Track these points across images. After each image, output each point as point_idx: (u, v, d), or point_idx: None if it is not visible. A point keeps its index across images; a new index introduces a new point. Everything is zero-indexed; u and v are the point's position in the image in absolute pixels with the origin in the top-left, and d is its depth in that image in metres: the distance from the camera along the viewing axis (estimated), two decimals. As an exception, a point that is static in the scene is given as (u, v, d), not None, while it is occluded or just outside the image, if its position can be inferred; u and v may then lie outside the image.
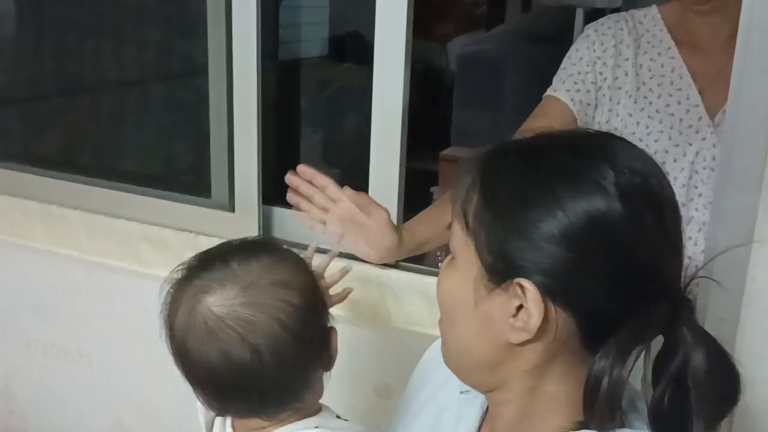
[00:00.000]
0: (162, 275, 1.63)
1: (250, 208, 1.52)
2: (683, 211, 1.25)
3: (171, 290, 0.86)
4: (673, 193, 0.74)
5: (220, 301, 0.81)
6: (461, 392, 0.87)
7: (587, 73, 1.36)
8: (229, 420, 0.91)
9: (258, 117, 1.48)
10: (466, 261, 0.75)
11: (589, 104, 1.34)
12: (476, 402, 0.86)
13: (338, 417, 0.93)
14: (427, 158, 2.51)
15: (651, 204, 0.70)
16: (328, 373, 0.91)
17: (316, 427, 0.87)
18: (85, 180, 1.72)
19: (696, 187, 1.29)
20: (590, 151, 0.73)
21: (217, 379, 0.82)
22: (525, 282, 0.70)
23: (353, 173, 1.66)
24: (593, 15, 2.04)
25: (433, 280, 0.99)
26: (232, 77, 1.49)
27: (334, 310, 0.94)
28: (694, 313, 0.73)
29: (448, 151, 2.54)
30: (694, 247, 1.27)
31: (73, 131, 2.05)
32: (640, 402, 0.77)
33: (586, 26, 1.43)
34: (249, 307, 0.81)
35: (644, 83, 1.34)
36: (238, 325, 0.80)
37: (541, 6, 3.29)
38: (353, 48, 2.49)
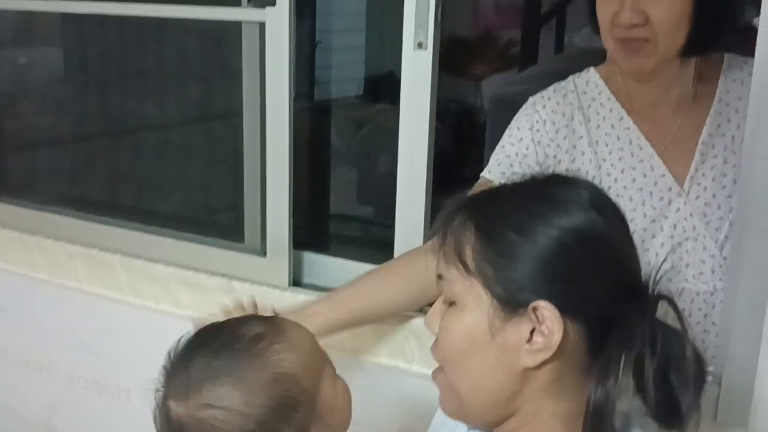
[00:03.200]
0: (198, 316, 1.65)
1: (281, 253, 1.55)
2: (671, 285, 1.18)
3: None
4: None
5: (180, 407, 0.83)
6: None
7: (525, 156, 1.27)
8: None
9: (290, 166, 1.51)
10: (472, 300, 0.79)
11: None
12: None
13: None
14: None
15: (615, 212, 0.81)
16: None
17: None
18: (125, 224, 1.78)
19: (682, 259, 1.22)
20: (560, 180, 0.84)
21: None
22: (542, 303, 0.75)
23: (385, 213, 1.69)
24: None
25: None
26: (265, 127, 1.52)
27: (359, 355, 0.94)
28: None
29: (481, 190, 2.54)
30: (689, 318, 1.21)
31: (112, 176, 2.12)
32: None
33: (531, 99, 1.30)
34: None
35: (604, 160, 1.25)
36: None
37: (574, 48, 3.32)
38: (387, 88, 2.54)
